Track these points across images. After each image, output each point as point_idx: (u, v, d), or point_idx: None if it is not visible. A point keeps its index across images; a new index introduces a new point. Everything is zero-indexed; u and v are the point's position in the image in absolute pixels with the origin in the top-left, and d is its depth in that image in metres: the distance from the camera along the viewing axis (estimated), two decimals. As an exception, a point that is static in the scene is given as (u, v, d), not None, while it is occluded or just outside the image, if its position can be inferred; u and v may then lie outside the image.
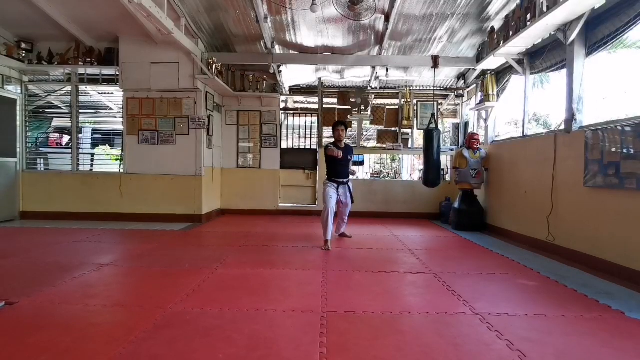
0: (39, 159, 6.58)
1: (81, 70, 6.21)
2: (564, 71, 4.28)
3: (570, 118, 4.09)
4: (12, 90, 6.06)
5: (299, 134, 7.78)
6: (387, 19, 5.36)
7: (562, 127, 4.27)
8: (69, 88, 6.34)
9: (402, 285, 3.11)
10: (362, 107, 7.28)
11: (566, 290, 3.01)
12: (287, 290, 2.89)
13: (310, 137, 7.74)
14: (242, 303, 2.50)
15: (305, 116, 7.80)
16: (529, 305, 2.64)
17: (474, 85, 6.77)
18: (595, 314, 2.50)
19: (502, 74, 5.88)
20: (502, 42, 4.94)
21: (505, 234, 5.36)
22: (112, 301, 2.58)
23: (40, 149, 6.68)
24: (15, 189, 6.13)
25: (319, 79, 7.41)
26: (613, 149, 3.40)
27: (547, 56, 4.68)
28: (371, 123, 7.70)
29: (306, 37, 6.00)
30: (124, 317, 2.33)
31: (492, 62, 5.56)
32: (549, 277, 3.33)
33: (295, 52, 6.52)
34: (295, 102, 8.49)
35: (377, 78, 7.15)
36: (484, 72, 6.19)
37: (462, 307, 2.57)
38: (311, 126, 7.75)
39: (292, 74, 7.28)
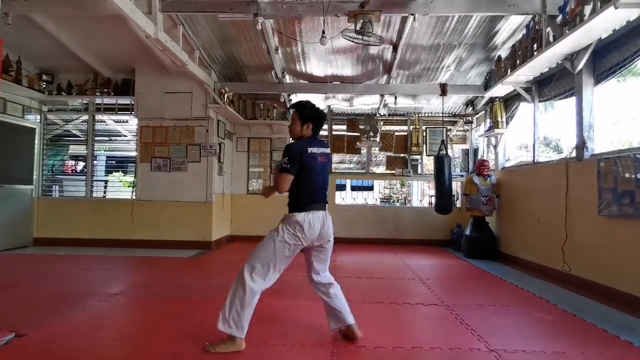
0: (54, 186, 6.72)
1: (98, 100, 6.41)
2: (573, 98, 4.29)
3: (581, 145, 4.06)
4: (32, 120, 6.27)
5: (309, 160, 7.82)
6: (395, 49, 5.48)
7: (574, 154, 4.24)
8: (86, 117, 6.54)
9: (414, 318, 3.04)
10: (371, 134, 7.33)
11: (584, 324, 2.91)
12: (296, 322, 2.85)
13: (320, 163, 7.77)
14: (251, 336, 2.46)
15: (315, 143, 7.87)
16: (546, 342, 2.55)
17: (483, 111, 6.79)
18: (617, 352, 2.41)
19: (510, 101, 5.91)
20: (509, 71, 4.98)
21: (519, 262, 5.24)
22: (121, 334, 2.57)
23: (56, 176, 6.83)
24: (30, 215, 6.23)
25: (328, 106, 7.52)
26: (627, 178, 3.35)
27: (555, 84, 4.70)
28: (380, 149, 7.75)
29: (316, 67, 6.15)
30: (132, 352, 2.31)
31: (499, 89, 5.59)
32: (566, 310, 3.23)
33: (305, 82, 6.66)
34: (305, 128, 8.59)
35: (385, 105, 7.23)
36: (492, 99, 6.23)
37: (477, 343, 2.49)
38: (320, 152, 7.80)
39: (302, 102, 7.40)
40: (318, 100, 7.28)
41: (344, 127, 7.65)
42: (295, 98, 7.13)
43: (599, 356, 2.34)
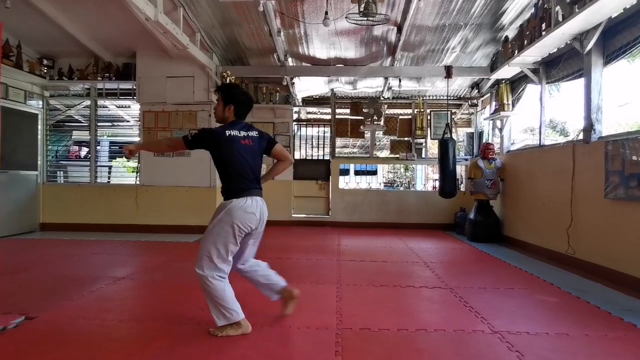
0: (58, 172, 6.75)
1: (100, 85, 6.37)
2: (581, 80, 4.21)
3: (589, 128, 4.00)
4: (34, 105, 6.25)
5: (312, 145, 7.81)
6: (399, 31, 5.38)
7: (581, 136, 4.18)
8: (88, 102, 6.50)
9: (418, 301, 3.06)
10: (375, 118, 7.27)
11: (588, 306, 2.92)
12: (301, 305, 2.85)
13: (323, 148, 7.76)
14: (257, 319, 2.49)
15: (318, 127, 7.84)
16: (550, 323, 2.56)
17: (488, 94, 6.70)
18: (620, 333, 2.42)
19: (517, 82, 5.81)
20: (516, 52, 4.89)
21: (523, 245, 5.24)
22: (128, 316, 2.61)
23: (60, 162, 6.85)
24: (36, 201, 6.28)
25: (332, 90, 7.44)
26: (635, 160, 3.31)
27: (563, 65, 4.61)
28: (384, 133, 7.69)
29: (319, 49, 6.05)
30: (140, 333, 2.35)
31: (506, 71, 5.49)
32: (570, 293, 3.24)
33: (308, 64, 6.57)
34: (308, 112, 8.54)
35: (389, 88, 7.15)
36: (498, 81, 6.13)
37: (480, 325, 2.51)
38: (324, 137, 7.77)
39: (305, 86, 7.33)
40: (321, 83, 7.21)
41: (348, 110, 7.58)
42: (298, 81, 7.05)
43: (603, 338, 2.35)
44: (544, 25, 4.28)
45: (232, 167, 2.32)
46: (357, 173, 11.15)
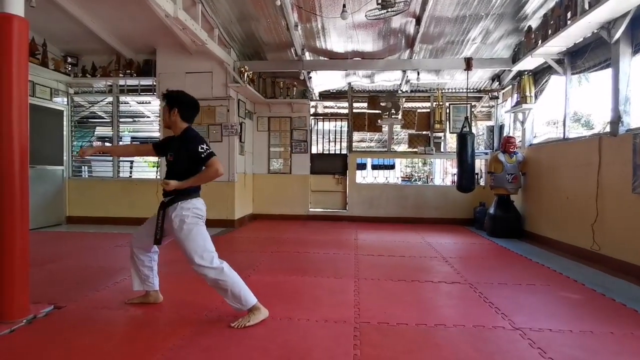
0: (83, 167, 6.95)
1: (121, 82, 6.51)
2: (608, 70, 4.07)
3: (616, 120, 3.87)
4: (59, 102, 6.44)
5: (329, 139, 7.80)
6: (418, 22, 5.28)
7: (607, 129, 4.04)
8: (110, 98, 6.67)
9: (437, 296, 3.04)
10: (393, 111, 7.20)
11: (614, 304, 2.84)
12: (319, 299, 2.89)
13: (340, 142, 7.74)
14: (276, 312, 2.52)
15: (335, 121, 7.82)
16: (574, 321, 2.50)
17: (510, 86, 6.54)
18: (648, 332, 2.35)
19: (540, 74, 5.65)
20: (540, 42, 4.75)
21: (545, 241, 5.12)
22: (150, 307, 2.68)
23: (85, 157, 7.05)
24: (62, 195, 6.50)
25: (349, 83, 7.41)
26: (665, 154, 3.18)
27: (589, 55, 4.45)
28: (402, 127, 7.61)
29: (336, 43, 6.01)
30: (162, 324, 2.41)
31: (529, 62, 5.34)
32: (595, 290, 3.15)
33: (325, 58, 6.54)
34: (325, 107, 8.52)
35: (407, 81, 7.06)
36: (520, 73, 5.97)
37: (501, 321, 2.47)
38: (341, 131, 7.75)
39: (322, 80, 7.32)
40: (338, 77, 7.18)
41: (365, 104, 7.53)
42: (315, 76, 7.04)
43: (629, 336, 2.29)
44: (569, 14, 4.14)
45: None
46: (374, 167, 11.08)
